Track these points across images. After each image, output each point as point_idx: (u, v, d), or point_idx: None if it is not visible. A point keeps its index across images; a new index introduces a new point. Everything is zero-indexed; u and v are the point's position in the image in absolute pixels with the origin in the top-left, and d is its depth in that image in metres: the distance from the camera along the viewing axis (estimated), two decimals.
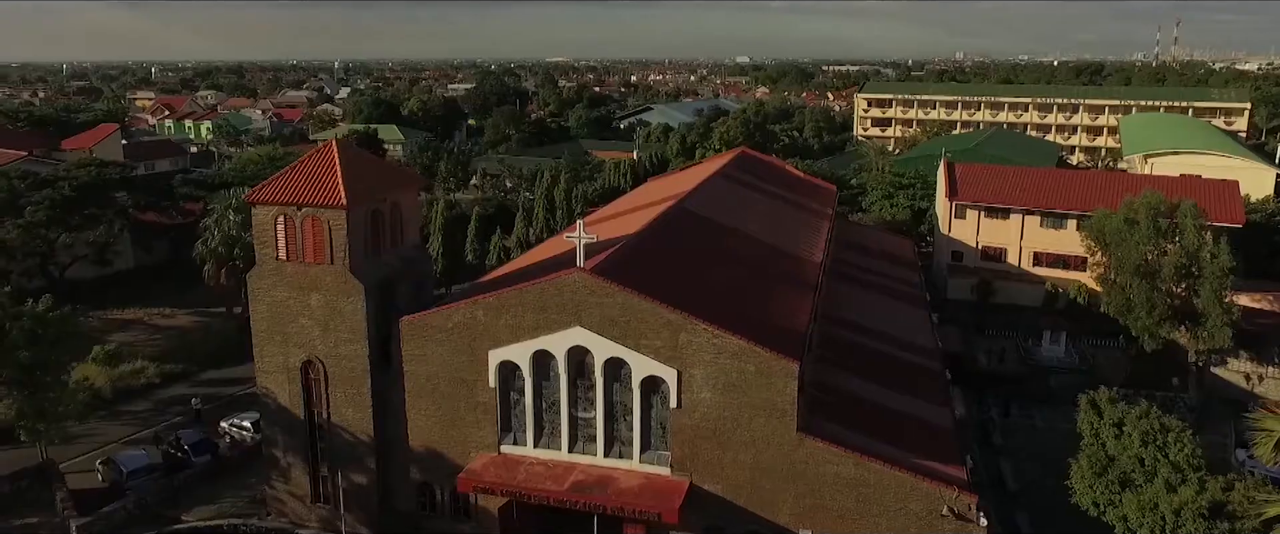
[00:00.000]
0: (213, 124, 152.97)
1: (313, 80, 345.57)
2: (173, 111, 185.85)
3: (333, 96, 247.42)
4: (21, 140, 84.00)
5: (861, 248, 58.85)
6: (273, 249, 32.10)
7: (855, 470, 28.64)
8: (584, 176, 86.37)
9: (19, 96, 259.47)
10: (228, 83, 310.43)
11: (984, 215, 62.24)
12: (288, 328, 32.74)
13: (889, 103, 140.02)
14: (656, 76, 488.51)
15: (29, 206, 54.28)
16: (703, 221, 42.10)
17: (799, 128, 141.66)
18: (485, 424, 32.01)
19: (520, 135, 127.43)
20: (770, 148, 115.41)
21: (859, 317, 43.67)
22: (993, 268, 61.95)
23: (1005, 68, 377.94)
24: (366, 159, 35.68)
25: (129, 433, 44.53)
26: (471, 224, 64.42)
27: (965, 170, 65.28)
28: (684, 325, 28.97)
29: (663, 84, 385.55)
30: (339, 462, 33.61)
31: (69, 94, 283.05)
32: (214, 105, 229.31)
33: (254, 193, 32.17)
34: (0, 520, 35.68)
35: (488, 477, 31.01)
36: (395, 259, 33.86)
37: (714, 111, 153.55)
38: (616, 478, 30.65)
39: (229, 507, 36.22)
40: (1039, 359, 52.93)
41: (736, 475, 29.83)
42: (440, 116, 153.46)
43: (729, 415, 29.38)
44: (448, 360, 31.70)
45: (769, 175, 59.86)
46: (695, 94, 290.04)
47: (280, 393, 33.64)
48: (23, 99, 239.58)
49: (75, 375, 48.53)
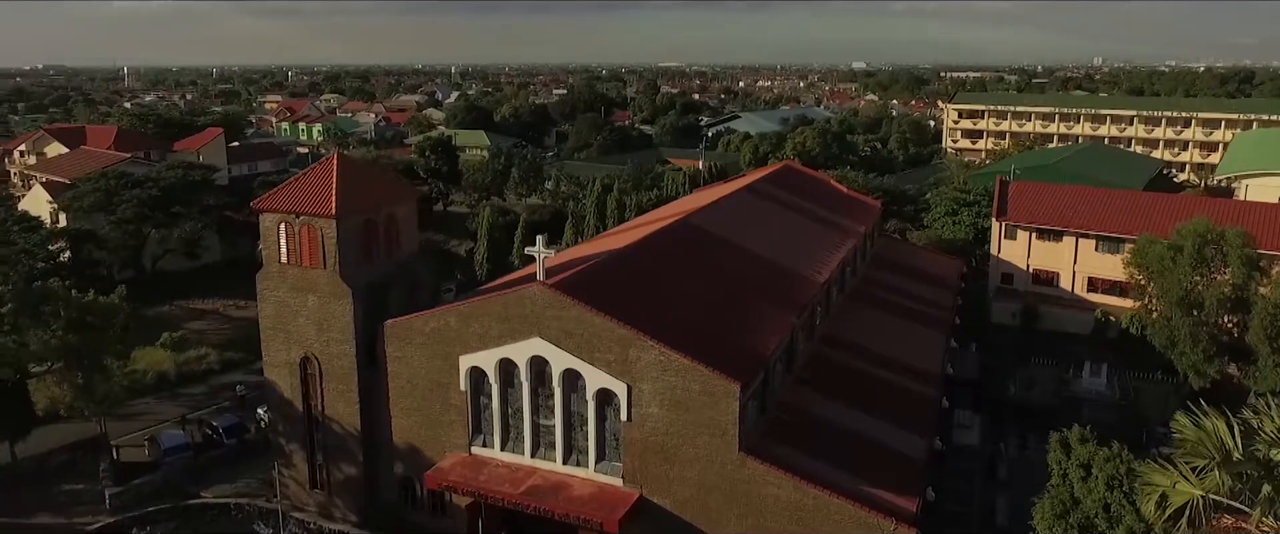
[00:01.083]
0: (323, 127, 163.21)
1: (428, 84, 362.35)
2: (293, 114, 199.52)
3: (442, 101, 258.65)
4: (140, 143, 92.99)
5: (899, 267, 57.56)
6: (277, 253, 34.99)
7: (794, 494, 28.68)
8: (646, 185, 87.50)
9: (169, 98, 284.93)
10: (350, 87, 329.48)
11: (1035, 237, 59.61)
12: (289, 326, 35.58)
13: (981, 114, 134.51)
14: (764, 82, 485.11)
15: (121, 205, 60.56)
16: (704, 237, 42.58)
17: (883, 139, 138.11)
18: (458, 425, 33.80)
19: (601, 142, 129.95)
20: (846, 160, 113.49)
21: (864, 339, 43.04)
22: (1042, 293, 59.24)
23: (1141, 76, 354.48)
24: (365, 173, 38.21)
25: (183, 413, 49.01)
26: (518, 230, 66.77)
27: (1018, 189, 62.67)
28: (633, 341, 29.80)
29: (768, 91, 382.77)
30: (332, 452, 36.23)
31: (212, 97, 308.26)
32: (333, 108, 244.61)
33: (261, 201, 35.18)
34: (52, 485, 40.27)
35: (453, 476, 32.76)
36: (390, 266, 36.14)
37: (800, 120, 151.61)
38: (571, 485, 31.76)
39: (244, 486, 39.55)
40: (1077, 391, 50.36)
41: (683, 491, 30.39)
42: (530, 123, 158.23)
43: (676, 431, 29.98)
44: (425, 363, 33.67)
45: (806, 190, 59.37)
46: (796, 101, 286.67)
47: (283, 385, 36.55)
48: (170, 101, 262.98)
49: (143, 359, 54.27)
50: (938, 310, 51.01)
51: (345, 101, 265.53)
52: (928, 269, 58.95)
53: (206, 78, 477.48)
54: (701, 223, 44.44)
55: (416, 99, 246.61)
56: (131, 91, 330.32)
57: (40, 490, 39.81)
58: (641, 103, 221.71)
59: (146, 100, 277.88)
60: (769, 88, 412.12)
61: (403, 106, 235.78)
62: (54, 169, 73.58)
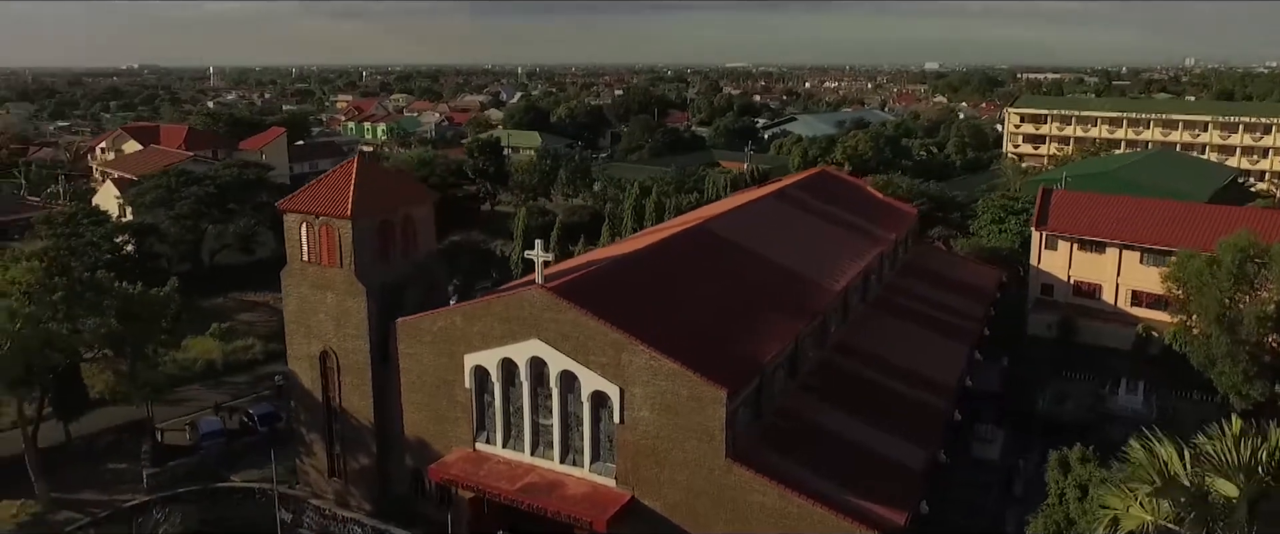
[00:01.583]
0: (388, 126, 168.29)
1: (494, 85, 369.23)
2: (360, 113, 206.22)
3: (505, 101, 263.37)
4: (208, 141, 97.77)
5: (931, 276, 56.61)
6: (299, 251, 36.73)
7: (779, 502, 28.82)
8: (687, 188, 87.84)
9: (248, 97, 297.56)
10: (418, 87, 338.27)
11: (1077, 248, 57.83)
12: (309, 321, 37.31)
13: (1043, 118, 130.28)
14: (831, 84, 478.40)
15: (180, 201, 64.06)
16: (719, 243, 42.79)
17: (941, 143, 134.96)
18: (463, 422, 34.91)
19: (652, 144, 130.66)
20: (898, 164, 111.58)
21: (880, 348, 42.64)
22: (1083, 305, 57.44)
23: (1234, 78, 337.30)
24: (384, 176, 39.71)
25: (217, 401, 51.60)
26: (554, 232, 67.97)
27: (1061, 198, 60.85)
28: (625, 345, 30.37)
29: (833, 92, 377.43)
30: (348, 443, 37.84)
31: (288, 96, 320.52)
32: (401, 108, 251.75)
33: (284, 201, 36.97)
34: (99, 464, 43.03)
35: (455, 470, 33.89)
36: (406, 266, 37.51)
37: (856, 123, 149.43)
38: (566, 484, 32.52)
39: (269, 472, 41.49)
40: (1111, 408, 48.79)
41: (673, 494, 30.82)
42: (585, 124, 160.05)
43: (665, 435, 30.44)
44: (433, 361, 34.89)
45: (840, 197, 58.86)
46: (861, 103, 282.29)
47: (305, 377, 38.33)
48: (248, 100, 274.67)
49: (194, 348, 57.29)
50: (965, 321, 50.06)
51: (413, 101, 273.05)
52: (962, 278, 57.79)
53: (285, 77, 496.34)
54: (719, 229, 44.67)
55: (480, 99, 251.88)
56: (215, 90, 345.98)
57: (88, 468, 42.60)
58: (700, 104, 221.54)
59: (227, 99, 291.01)
60: (834, 89, 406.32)
61: (466, 107, 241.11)
62: (124, 166, 78.22)
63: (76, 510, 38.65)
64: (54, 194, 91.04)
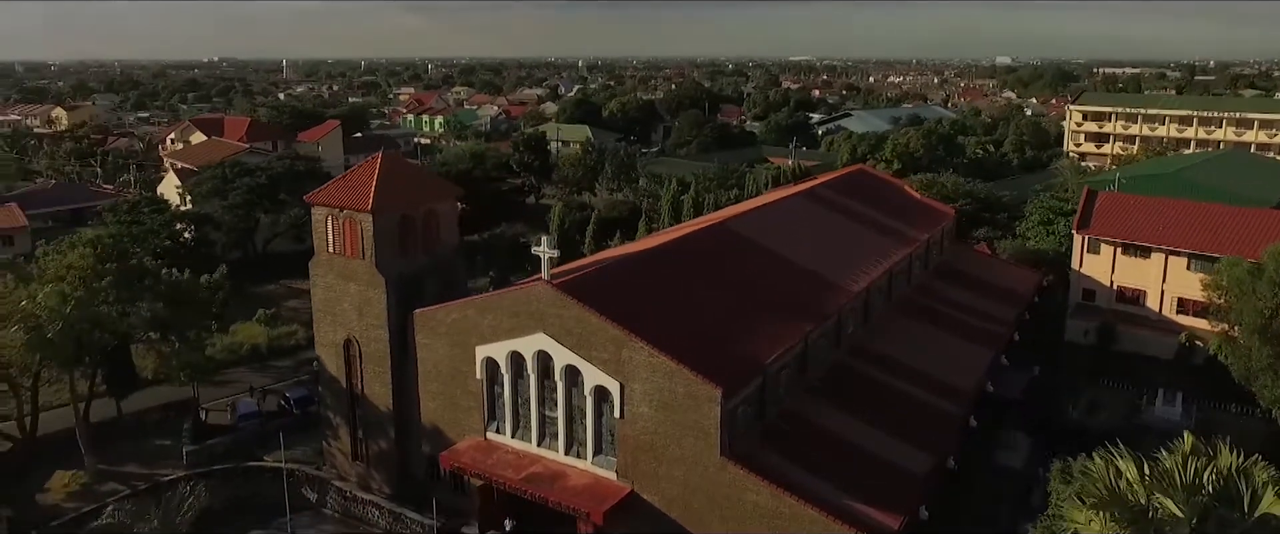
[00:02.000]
0: (444, 119, 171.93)
1: (554, 78, 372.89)
2: (421, 106, 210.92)
3: (563, 95, 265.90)
4: (268, 133, 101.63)
5: (964, 279, 55.61)
6: (325, 242, 38.29)
7: (772, 502, 29.04)
8: (730, 184, 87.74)
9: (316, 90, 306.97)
10: (480, 80, 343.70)
11: (1120, 252, 56.02)
12: (335, 309, 38.88)
13: (1108, 116, 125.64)
14: (896, 79, 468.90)
15: (233, 192, 67.06)
16: (737, 241, 42.92)
17: (998, 141, 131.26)
18: (475, 411, 35.98)
19: (701, 139, 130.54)
20: (949, 163, 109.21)
21: (898, 351, 42.24)
22: (1125, 312, 55.64)
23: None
24: (407, 172, 40.97)
25: (268, 382, 54.02)
26: (589, 226, 68.82)
27: (1106, 200, 58.94)
28: (625, 341, 30.93)
29: (896, 87, 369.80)
30: (370, 429, 39.35)
31: (355, 88, 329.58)
32: (461, 101, 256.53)
33: (312, 195, 38.55)
34: (145, 440, 45.57)
35: (464, 458, 35.00)
36: (426, 259, 38.72)
37: (911, 119, 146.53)
38: (569, 475, 33.29)
39: (299, 454, 43.36)
40: (1146, 419, 47.30)
41: (670, 489, 31.31)
42: (637, 118, 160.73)
43: (663, 431, 30.92)
44: (448, 351, 36.03)
45: (873, 196, 58.15)
46: (924, 99, 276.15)
47: (330, 364, 39.97)
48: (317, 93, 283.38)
49: (241, 333, 59.96)
50: (994, 325, 49.11)
51: (473, 94, 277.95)
52: (997, 282, 56.56)
53: (354, 70, 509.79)
54: (739, 227, 44.80)
55: (537, 92, 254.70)
56: (287, 83, 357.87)
57: (135, 443, 45.18)
58: (756, 99, 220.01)
59: (297, 91, 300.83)
60: (898, 85, 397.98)
61: (524, 100, 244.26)
62: (187, 157, 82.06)
63: (121, 482, 41.12)
64: (126, 182, 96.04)
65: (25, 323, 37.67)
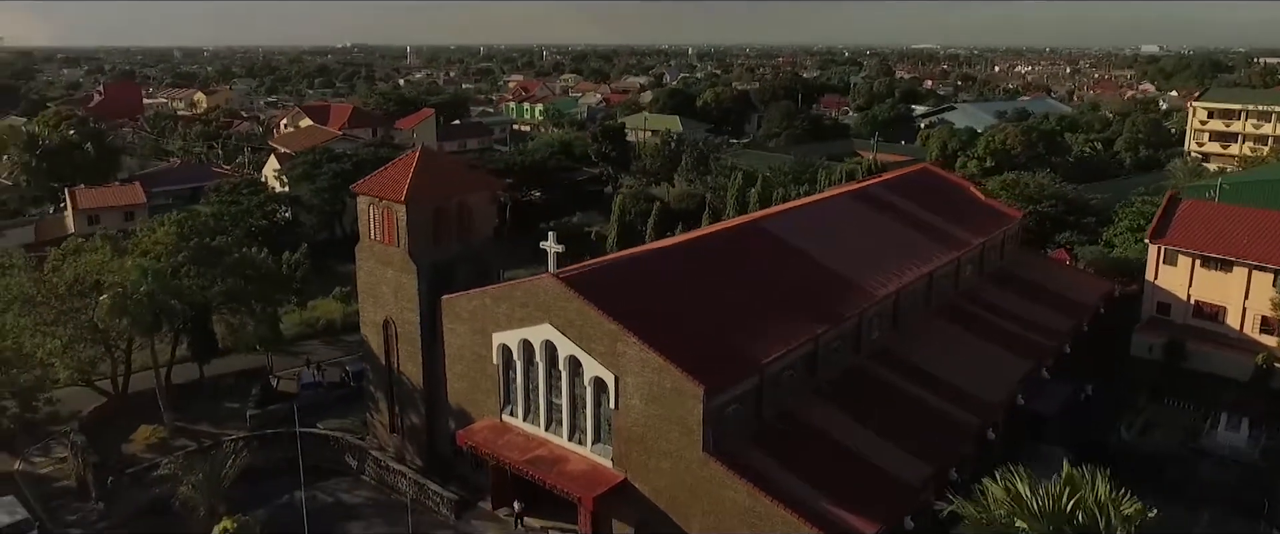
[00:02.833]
0: (544, 108, 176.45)
1: (661, 66, 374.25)
2: (526, 94, 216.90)
3: (668, 83, 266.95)
4: (368, 120, 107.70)
5: (1023, 286, 53.51)
6: (368, 230, 41.17)
7: (748, 500, 29.65)
8: (805, 178, 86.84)
9: (433, 76, 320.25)
10: (589, 68, 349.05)
11: (1198, 264, 52.53)
12: (376, 292, 41.79)
13: (1236, 114, 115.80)
14: (1023, 68, 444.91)
15: (320, 176, 72.09)
16: (766, 241, 43.11)
17: (1110, 139, 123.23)
18: (492, 393, 38.04)
19: (791, 132, 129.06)
20: (1049, 161, 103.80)
21: (925, 358, 41.45)
22: (1202, 328, 52.21)
23: None
24: (443, 165, 43.26)
25: (337, 356, 58.09)
26: (651, 218, 70.00)
27: (1188, 208, 55.23)
28: (619, 336, 32.09)
29: (1020, 78, 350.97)
30: (404, 405, 42.17)
31: (470, 75, 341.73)
32: (567, 87, 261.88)
33: (358, 184, 41.46)
34: (219, 402, 50.15)
35: (476, 437, 37.13)
36: (459, 248, 40.97)
37: (1018, 114, 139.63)
38: (569, 460, 34.85)
39: (347, 423, 46.84)
40: (1206, 444, 44.58)
41: (659, 481, 32.36)
42: (730, 108, 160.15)
43: (653, 425, 31.96)
44: (469, 336, 38.19)
45: (931, 197, 56.57)
46: (1046, 91, 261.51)
47: (373, 342, 42.98)
48: (433, 79, 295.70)
49: (320, 308, 64.61)
50: (1042, 337, 47.26)
51: (579, 82, 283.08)
52: (1060, 290, 54.09)
53: (474, 56, 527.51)
54: (772, 226, 44.99)
55: (641, 81, 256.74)
56: (408, 69, 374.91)
57: (210, 405, 49.86)
58: (861, 89, 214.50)
59: (416, 77, 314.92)
60: (1024, 75, 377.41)
61: (627, 88, 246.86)
62: (287, 142, 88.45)
63: (191, 439, 45.58)
64: (241, 164, 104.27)
65: (113, 290, 42.37)
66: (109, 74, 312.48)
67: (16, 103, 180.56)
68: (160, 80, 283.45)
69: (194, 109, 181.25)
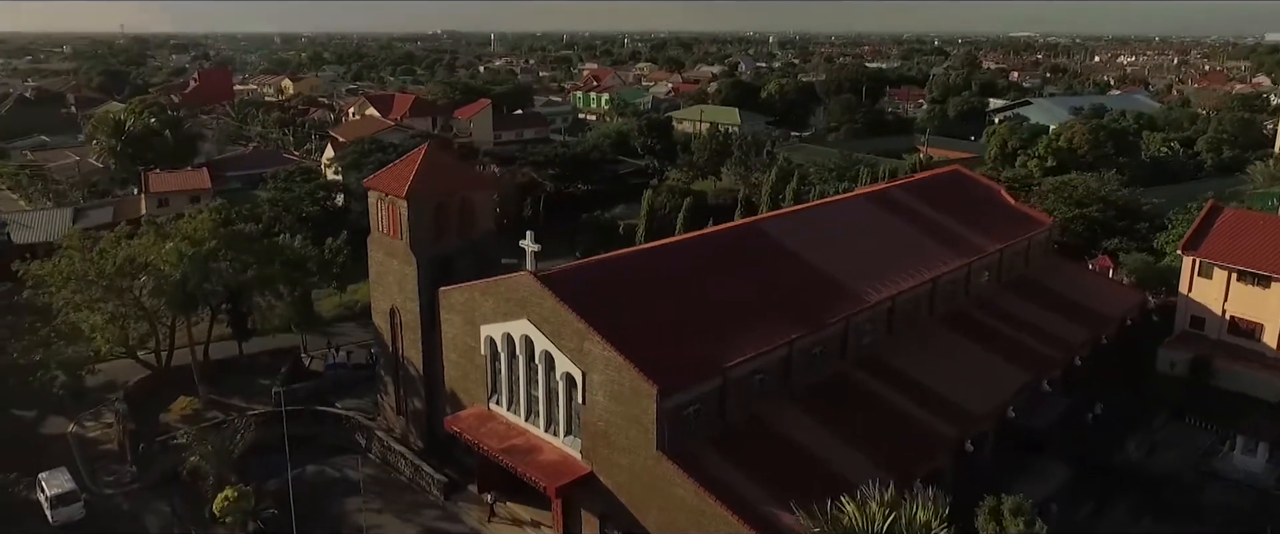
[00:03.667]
0: (609, 97, 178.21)
1: (738, 54, 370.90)
2: (598, 82, 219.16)
3: (743, 71, 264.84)
4: (428, 110, 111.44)
5: (1043, 294, 52.06)
6: (377, 223, 43.46)
7: (695, 499, 30.46)
8: (849, 175, 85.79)
9: (511, 64, 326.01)
10: (665, 57, 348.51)
11: (1234, 278, 50.04)
12: (383, 281, 44.13)
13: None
14: (1127, 59, 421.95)
15: (366, 165, 75.46)
16: (761, 243, 43.32)
17: (1190, 139, 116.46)
18: (481, 382, 39.80)
19: (851, 126, 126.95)
20: (1116, 162, 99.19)
21: (912, 366, 41.06)
22: (1236, 345, 49.82)
23: None
24: (446, 163, 45.02)
25: (368, 339, 60.92)
26: (681, 214, 70.70)
27: (1230, 218, 52.50)
28: (586, 334, 33.26)
29: (1120, 69, 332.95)
30: (407, 389, 44.47)
31: (547, 63, 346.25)
32: (641, 76, 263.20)
33: (368, 179, 43.75)
34: (253, 378, 53.68)
35: (462, 424, 38.98)
36: (460, 242, 42.84)
37: (1095, 110, 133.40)
38: (543, 450, 36.31)
39: (362, 404, 49.57)
40: (1219, 467, 42.81)
41: (620, 475, 33.47)
42: (794, 101, 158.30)
43: (615, 421, 33.06)
44: (462, 327, 40.02)
45: (955, 201, 55.35)
46: (1144, 84, 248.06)
47: (382, 328, 45.41)
48: (510, 67, 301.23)
49: (359, 292, 67.85)
50: (1051, 349, 46.07)
51: (653, 71, 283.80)
52: (1085, 302, 52.34)
53: (556, 43, 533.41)
54: (772, 228, 45.21)
55: (713, 70, 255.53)
56: (489, 56, 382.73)
57: (244, 380, 53.41)
58: (939, 81, 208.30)
59: (495, 65, 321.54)
60: (1124, 66, 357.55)
61: (699, 77, 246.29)
62: (345, 131, 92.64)
63: (223, 411, 49.15)
64: (308, 150, 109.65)
65: (152, 272, 46.03)
66: (212, 60, 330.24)
67: (123, 88, 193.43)
68: (257, 66, 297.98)
69: (281, 95, 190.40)
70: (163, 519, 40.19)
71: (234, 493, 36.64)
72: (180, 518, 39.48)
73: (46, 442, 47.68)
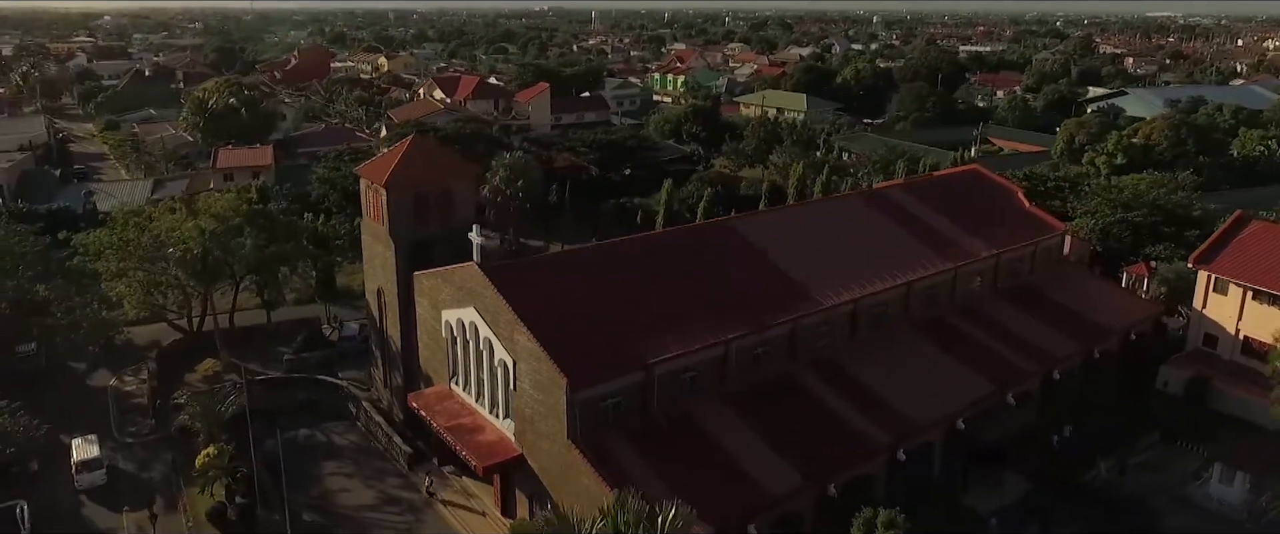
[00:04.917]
0: (684, 79, 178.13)
1: (838, 35, 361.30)
2: (682, 64, 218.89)
3: (836, 53, 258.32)
4: (491, 92, 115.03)
5: (1040, 304, 50.31)
6: (366, 208, 46.44)
7: (596, 487, 31.91)
8: (889, 168, 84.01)
9: (602, 43, 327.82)
10: (761, 37, 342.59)
11: (1250, 296, 47.06)
12: (372, 263, 47.17)
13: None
14: (1274, 43, 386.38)
15: None
16: (727, 242, 43.81)
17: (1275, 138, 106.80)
18: (443, 363, 42.31)
19: (918, 115, 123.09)
20: (1195, 161, 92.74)
21: (864, 371, 40.89)
22: (1247, 368, 47.00)
23: None
24: (431, 153, 47.21)
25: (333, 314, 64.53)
26: (701, 205, 71.29)
27: (1256, 231, 49.14)
28: (516, 326, 35.07)
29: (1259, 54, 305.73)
30: (389, 364, 47.54)
31: (640, 42, 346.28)
32: (728, 58, 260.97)
33: (360, 167, 46.69)
34: (273, 345, 58.18)
35: (421, 400, 41.61)
36: (440, 229, 45.19)
37: (1192, 105, 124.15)
38: (485, 430, 38.51)
39: (360, 375, 53.10)
40: (1191, 495, 40.95)
41: (543, 460, 35.31)
42: (870, 87, 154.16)
43: (538, 409, 34.85)
44: (429, 310, 42.55)
45: (964, 203, 53.72)
46: (1276, 73, 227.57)
47: (373, 306, 48.57)
48: (600, 47, 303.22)
49: None
50: (1029, 361, 44.79)
51: (743, 51, 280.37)
52: (1086, 314, 50.22)
53: (657, 20, 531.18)
54: (742, 226, 45.61)
55: (803, 52, 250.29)
56: (586, 35, 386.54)
57: (266, 346, 58.03)
58: (1037, 67, 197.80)
59: (588, 43, 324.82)
60: (1266, 51, 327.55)
61: (787, 60, 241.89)
62: (401, 113, 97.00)
63: (240, 375, 53.69)
64: (376, 129, 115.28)
65: (177, 247, 50.70)
66: (326, 36, 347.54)
67: (234, 64, 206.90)
68: (363, 43, 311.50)
69: (375, 73, 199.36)
70: (165, 467, 44.80)
71: (214, 451, 40.49)
72: (175, 470, 43.87)
73: (91, 393, 53.54)
